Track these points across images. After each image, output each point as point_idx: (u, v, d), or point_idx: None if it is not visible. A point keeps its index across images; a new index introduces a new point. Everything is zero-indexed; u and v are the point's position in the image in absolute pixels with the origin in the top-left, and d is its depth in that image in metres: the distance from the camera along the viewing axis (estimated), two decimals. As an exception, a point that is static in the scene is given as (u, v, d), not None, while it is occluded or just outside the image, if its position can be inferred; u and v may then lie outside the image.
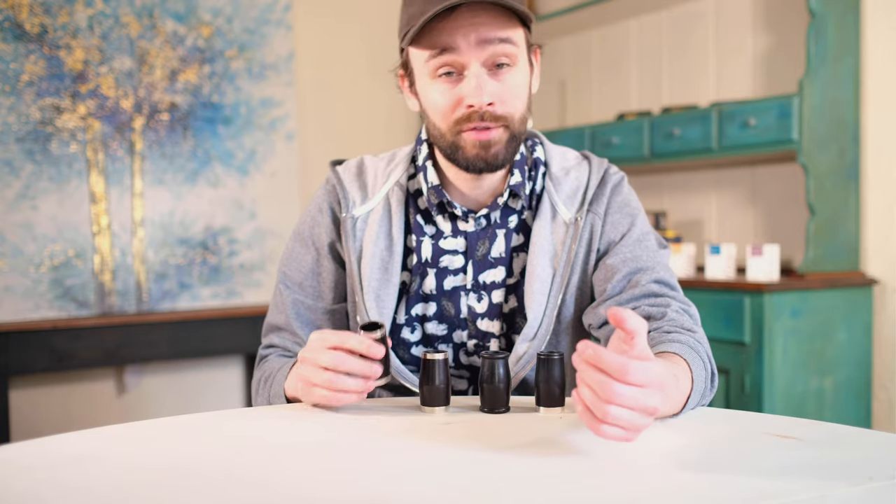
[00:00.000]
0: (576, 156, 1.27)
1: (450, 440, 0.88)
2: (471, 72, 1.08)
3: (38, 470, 0.79)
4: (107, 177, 3.08)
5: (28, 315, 2.92)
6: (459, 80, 1.09)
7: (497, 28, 1.07)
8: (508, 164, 1.15)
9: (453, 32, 1.06)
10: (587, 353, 0.77)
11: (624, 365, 0.75)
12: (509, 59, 1.09)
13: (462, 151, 1.12)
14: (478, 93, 1.07)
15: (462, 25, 1.06)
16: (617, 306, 0.80)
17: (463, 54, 1.07)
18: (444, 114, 1.11)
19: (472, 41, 1.06)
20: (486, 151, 1.10)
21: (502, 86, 1.09)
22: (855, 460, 0.79)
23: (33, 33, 2.95)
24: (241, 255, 3.33)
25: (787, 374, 2.46)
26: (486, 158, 1.11)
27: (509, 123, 1.11)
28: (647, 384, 0.76)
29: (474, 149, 1.11)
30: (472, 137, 1.10)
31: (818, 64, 2.55)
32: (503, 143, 1.11)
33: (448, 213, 1.21)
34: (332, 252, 1.25)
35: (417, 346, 1.22)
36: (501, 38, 1.07)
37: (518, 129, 1.13)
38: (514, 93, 1.11)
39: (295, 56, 3.51)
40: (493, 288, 1.20)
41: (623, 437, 0.78)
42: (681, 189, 3.33)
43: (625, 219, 1.20)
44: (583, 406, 0.78)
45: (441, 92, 1.10)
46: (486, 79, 1.08)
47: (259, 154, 3.38)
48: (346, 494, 0.71)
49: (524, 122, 1.14)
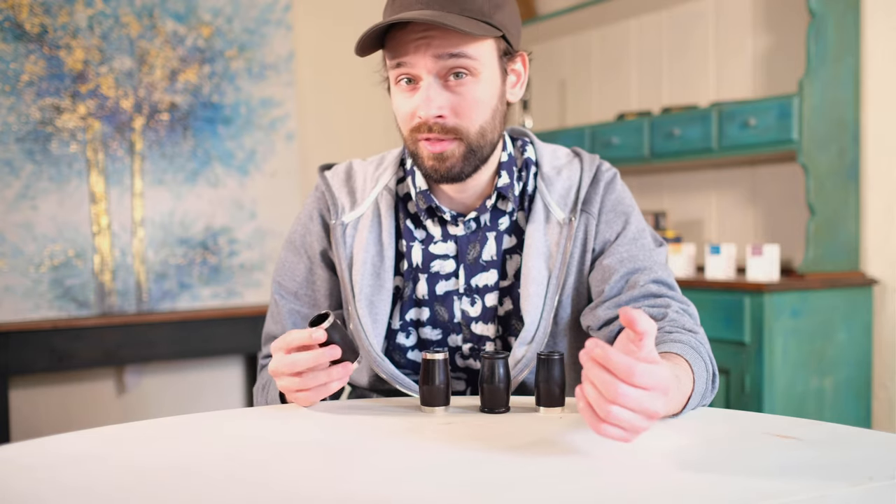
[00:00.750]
0: (566, 153, 1.26)
1: (450, 440, 0.88)
2: (423, 83, 1.07)
3: (38, 470, 0.79)
4: (107, 177, 3.08)
5: (28, 315, 2.92)
6: (416, 89, 1.09)
7: (450, 45, 1.05)
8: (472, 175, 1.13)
9: (407, 45, 1.06)
10: (595, 352, 0.77)
11: (631, 366, 0.75)
12: (468, 70, 1.07)
13: (420, 161, 1.11)
14: (426, 105, 1.06)
15: (414, 39, 1.05)
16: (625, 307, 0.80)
17: (415, 67, 1.06)
18: (403, 122, 1.12)
19: (425, 54, 1.05)
20: (440, 164, 1.09)
21: (456, 97, 1.07)
22: (855, 460, 0.79)
23: (33, 33, 2.95)
24: (241, 255, 3.33)
25: (787, 374, 2.46)
26: (441, 171, 1.10)
27: (463, 136, 1.08)
28: (651, 387, 0.76)
29: (430, 160, 1.10)
30: (427, 150, 1.09)
31: (818, 64, 2.55)
32: (458, 156, 1.09)
33: (437, 217, 1.20)
34: (325, 260, 1.24)
35: (413, 351, 1.21)
36: (453, 53, 1.05)
37: (476, 142, 1.10)
38: (470, 105, 1.08)
39: (295, 56, 3.51)
40: (486, 291, 1.19)
41: (622, 437, 0.78)
42: (681, 189, 3.33)
43: (619, 217, 1.19)
44: (585, 403, 0.78)
45: (402, 99, 1.10)
46: (436, 90, 1.06)
47: (259, 154, 3.38)
48: (346, 494, 0.71)
49: (485, 134, 1.10)
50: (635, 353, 0.78)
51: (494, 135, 1.13)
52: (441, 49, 1.05)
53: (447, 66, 1.06)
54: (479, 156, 1.11)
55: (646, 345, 0.78)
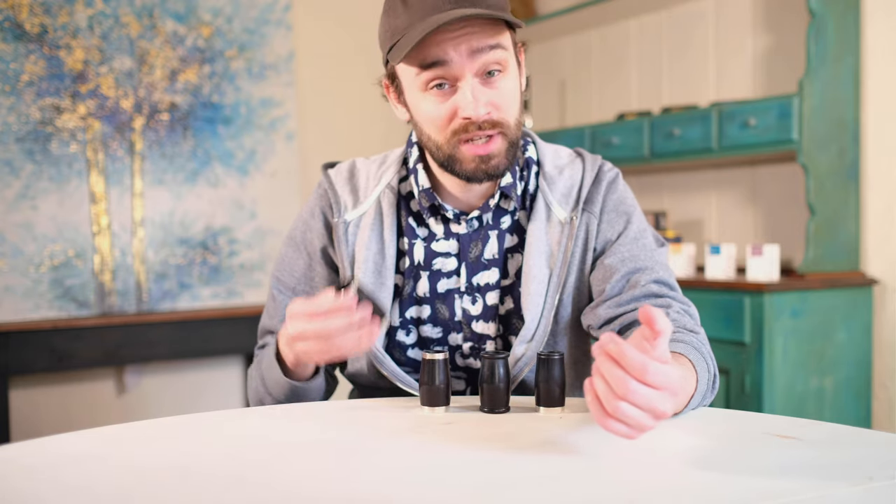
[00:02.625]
0: (569, 153, 1.26)
1: (450, 440, 0.88)
2: (465, 83, 1.06)
3: (38, 470, 0.79)
4: (107, 177, 3.08)
5: (28, 315, 2.92)
6: (453, 92, 1.07)
7: (487, 36, 1.05)
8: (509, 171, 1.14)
9: (443, 44, 1.04)
10: (609, 346, 0.76)
11: (645, 364, 0.75)
12: (500, 65, 1.07)
13: (461, 164, 1.10)
14: (474, 105, 1.06)
15: (452, 37, 1.04)
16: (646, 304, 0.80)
17: (455, 66, 1.05)
18: (439, 126, 1.10)
19: (463, 52, 1.04)
20: (486, 164, 1.10)
21: (496, 93, 1.08)
22: (855, 460, 0.79)
23: (33, 33, 2.95)
24: (241, 255, 3.33)
25: (787, 374, 2.46)
26: (487, 171, 1.10)
27: (506, 130, 1.10)
28: (662, 387, 0.76)
29: (473, 162, 1.09)
30: (472, 152, 1.09)
31: (818, 64, 2.55)
32: (503, 153, 1.10)
33: (440, 215, 1.20)
34: (325, 257, 1.25)
35: (413, 349, 1.21)
36: (492, 45, 1.05)
37: (514, 135, 1.12)
38: (509, 98, 1.09)
39: (295, 56, 3.51)
40: (487, 290, 1.19)
41: (626, 434, 0.77)
42: (681, 189, 3.33)
43: (620, 217, 1.19)
44: (593, 396, 0.78)
45: (435, 104, 1.09)
46: (480, 88, 1.07)
47: (259, 154, 3.38)
48: (347, 494, 0.71)
49: (519, 126, 1.13)
50: (649, 351, 0.78)
51: (522, 125, 1.15)
52: (482, 42, 1.05)
53: (485, 63, 1.06)
54: (515, 149, 1.13)
55: (660, 344, 0.78)
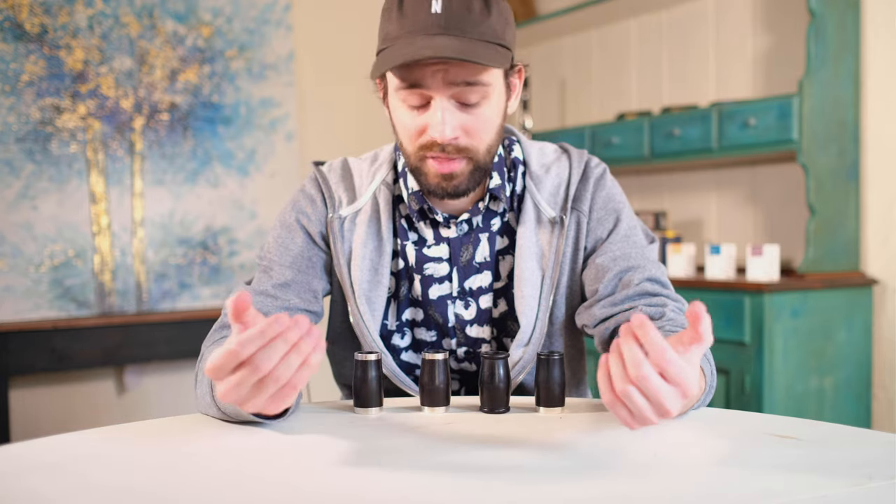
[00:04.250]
0: (554, 149, 1.25)
1: (450, 440, 0.88)
2: (436, 104, 1.05)
3: (38, 470, 0.79)
4: (107, 177, 3.08)
5: (28, 315, 2.92)
6: (426, 109, 1.07)
7: (468, 74, 1.04)
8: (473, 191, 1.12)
9: (423, 70, 1.03)
10: (636, 325, 0.75)
11: (665, 349, 0.74)
12: (479, 95, 1.06)
13: (425, 178, 1.10)
14: (441, 127, 1.05)
15: (431, 67, 1.03)
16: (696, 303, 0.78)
17: (429, 89, 1.05)
18: (409, 137, 1.10)
19: (439, 80, 1.04)
20: (447, 182, 1.09)
21: (470, 118, 1.07)
22: (855, 460, 0.79)
23: (33, 33, 2.95)
24: (241, 255, 3.33)
25: (787, 374, 2.46)
26: (447, 189, 1.09)
27: (473, 155, 1.08)
28: (675, 382, 0.75)
29: (436, 178, 1.09)
30: (435, 168, 1.08)
31: (818, 64, 2.55)
32: (465, 175, 1.09)
33: (430, 219, 1.19)
34: (325, 243, 1.20)
35: (407, 352, 1.21)
36: (469, 81, 1.04)
37: (484, 161, 1.10)
38: (483, 125, 1.08)
39: (295, 56, 3.51)
40: (481, 293, 1.18)
41: (627, 421, 0.77)
42: (681, 189, 3.33)
43: (610, 215, 1.19)
44: (605, 372, 0.77)
45: (408, 116, 1.08)
46: (451, 112, 1.05)
47: (259, 154, 3.38)
48: (347, 494, 0.71)
49: (491, 150, 1.11)
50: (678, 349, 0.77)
51: (496, 149, 1.13)
52: (459, 77, 1.04)
53: (461, 92, 1.05)
54: (484, 170, 1.11)
55: (694, 350, 0.77)
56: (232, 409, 0.93)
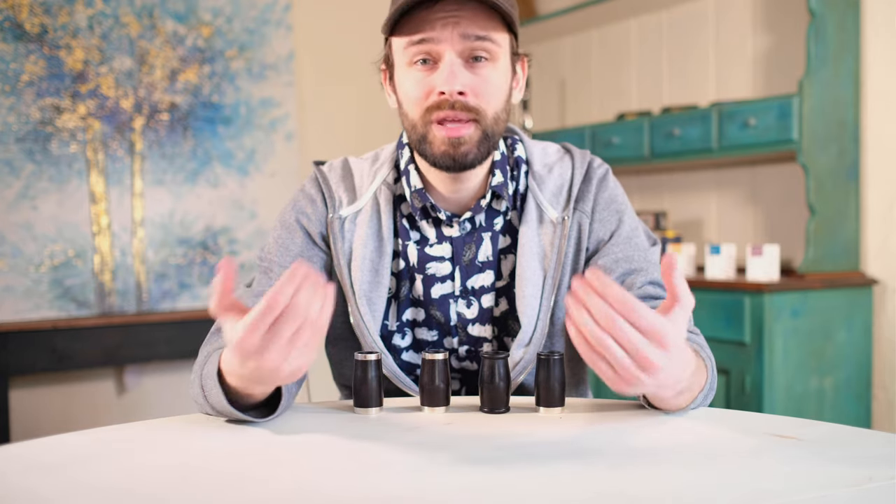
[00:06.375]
0: (557, 149, 1.25)
1: (450, 440, 0.88)
2: (445, 60, 1.06)
3: (38, 470, 0.79)
4: (107, 177, 3.08)
5: (28, 315, 2.92)
6: (434, 69, 1.07)
7: (477, 26, 1.05)
8: (480, 165, 1.12)
9: (433, 22, 1.05)
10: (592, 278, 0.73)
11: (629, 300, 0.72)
12: (488, 53, 1.07)
13: (431, 146, 1.09)
14: (450, 80, 1.05)
15: (443, 17, 1.05)
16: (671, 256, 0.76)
17: (440, 43, 1.06)
18: (416, 102, 1.09)
19: (449, 32, 1.05)
20: (454, 149, 1.07)
21: (477, 78, 1.07)
22: (855, 460, 0.79)
23: (33, 33, 2.95)
24: (241, 255, 3.33)
25: (787, 374, 2.46)
26: (455, 156, 1.08)
27: (480, 118, 1.08)
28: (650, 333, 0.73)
29: (443, 145, 1.08)
30: (442, 133, 1.07)
31: (818, 64, 2.55)
32: (474, 141, 1.08)
33: (432, 217, 1.18)
34: (325, 243, 1.20)
35: (408, 352, 1.20)
36: (480, 35, 1.06)
37: (491, 128, 1.09)
38: (489, 87, 1.08)
39: (295, 56, 3.51)
40: (483, 293, 1.18)
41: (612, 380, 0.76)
42: (681, 189, 3.33)
43: (612, 216, 1.18)
44: (576, 330, 0.75)
45: (416, 80, 1.08)
46: (460, 68, 1.06)
47: (259, 154, 3.38)
48: (347, 494, 0.71)
49: (498, 122, 1.11)
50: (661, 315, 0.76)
51: (502, 126, 1.13)
52: (469, 29, 1.05)
53: (471, 48, 1.06)
54: (491, 143, 1.11)
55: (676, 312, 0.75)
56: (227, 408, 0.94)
